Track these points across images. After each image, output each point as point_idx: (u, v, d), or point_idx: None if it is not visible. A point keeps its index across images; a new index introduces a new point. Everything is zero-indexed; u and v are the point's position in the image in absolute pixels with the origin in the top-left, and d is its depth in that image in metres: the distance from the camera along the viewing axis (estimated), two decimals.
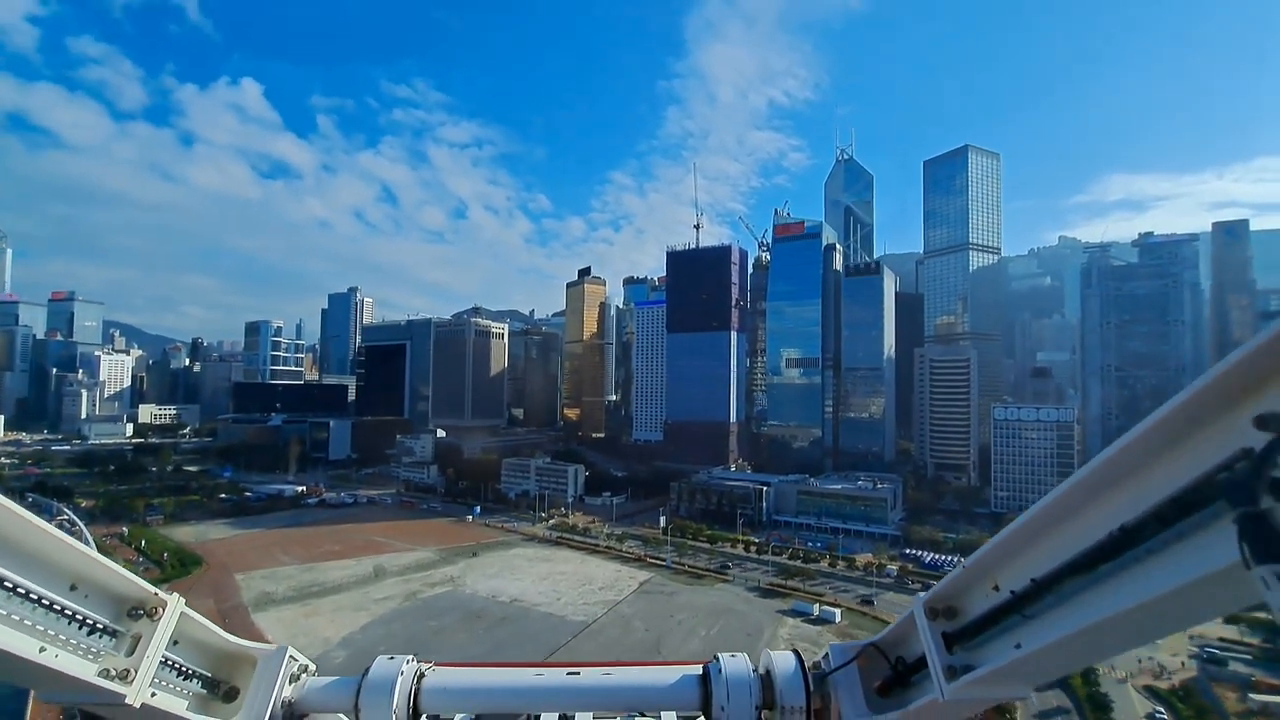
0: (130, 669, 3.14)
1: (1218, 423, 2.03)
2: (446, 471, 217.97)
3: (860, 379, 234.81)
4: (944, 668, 3.36)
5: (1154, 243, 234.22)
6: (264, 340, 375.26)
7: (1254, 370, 1.88)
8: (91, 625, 3.05)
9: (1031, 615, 2.92)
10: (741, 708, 3.79)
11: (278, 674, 3.98)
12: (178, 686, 3.64)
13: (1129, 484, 2.39)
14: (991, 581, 3.27)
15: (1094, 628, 2.53)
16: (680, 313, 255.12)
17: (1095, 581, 2.53)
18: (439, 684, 4.07)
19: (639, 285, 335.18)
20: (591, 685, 4.21)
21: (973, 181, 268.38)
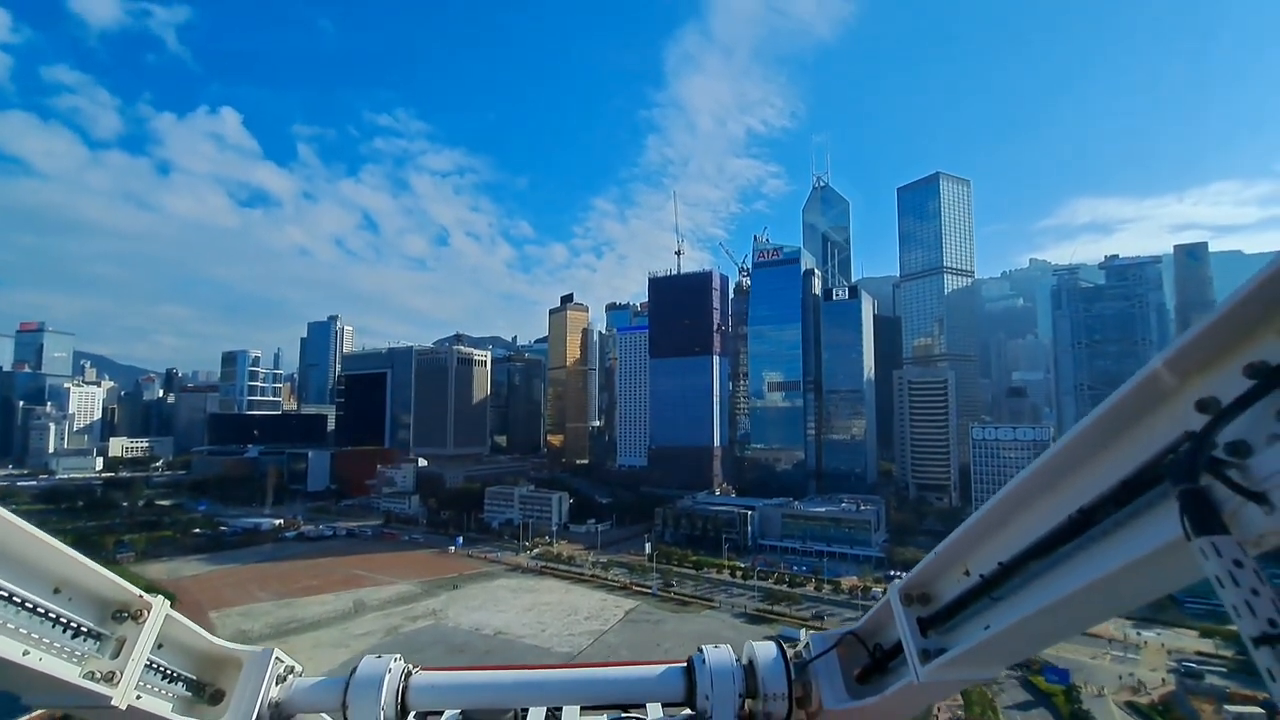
0: (115, 671, 3.11)
1: (1164, 408, 2.16)
2: (428, 501, 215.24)
3: (841, 401, 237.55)
4: (919, 651, 3.45)
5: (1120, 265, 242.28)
6: (241, 370, 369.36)
7: (1194, 357, 2.01)
8: (76, 628, 3.03)
9: (999, 597, 3.05)
10: (725, 696, 3.87)
11: (264, 675, 3.95)
12: (163, 689, 3.62)
13: (1086, 469, 2.51)
14: (962, 567, 3.39)
15: (1054, 606, 2.65)
16: (663, 338, 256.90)
17: (1057, 562, 2.67)
18: (426, 682, 4.08)
19: (621, 311, 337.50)
20: (578, 679, 4.27)
21: (945, 207, 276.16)
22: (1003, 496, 2.94)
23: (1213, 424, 1.93)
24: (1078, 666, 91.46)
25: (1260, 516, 1.84)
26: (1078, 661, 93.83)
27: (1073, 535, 2.52)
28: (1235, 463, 1.90)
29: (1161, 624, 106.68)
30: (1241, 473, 1.88)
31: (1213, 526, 1.83)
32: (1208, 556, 1.79)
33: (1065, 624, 2.93)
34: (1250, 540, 1.86)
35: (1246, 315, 1.88)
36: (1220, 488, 1.90)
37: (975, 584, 3.19)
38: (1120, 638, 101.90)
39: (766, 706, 3.95)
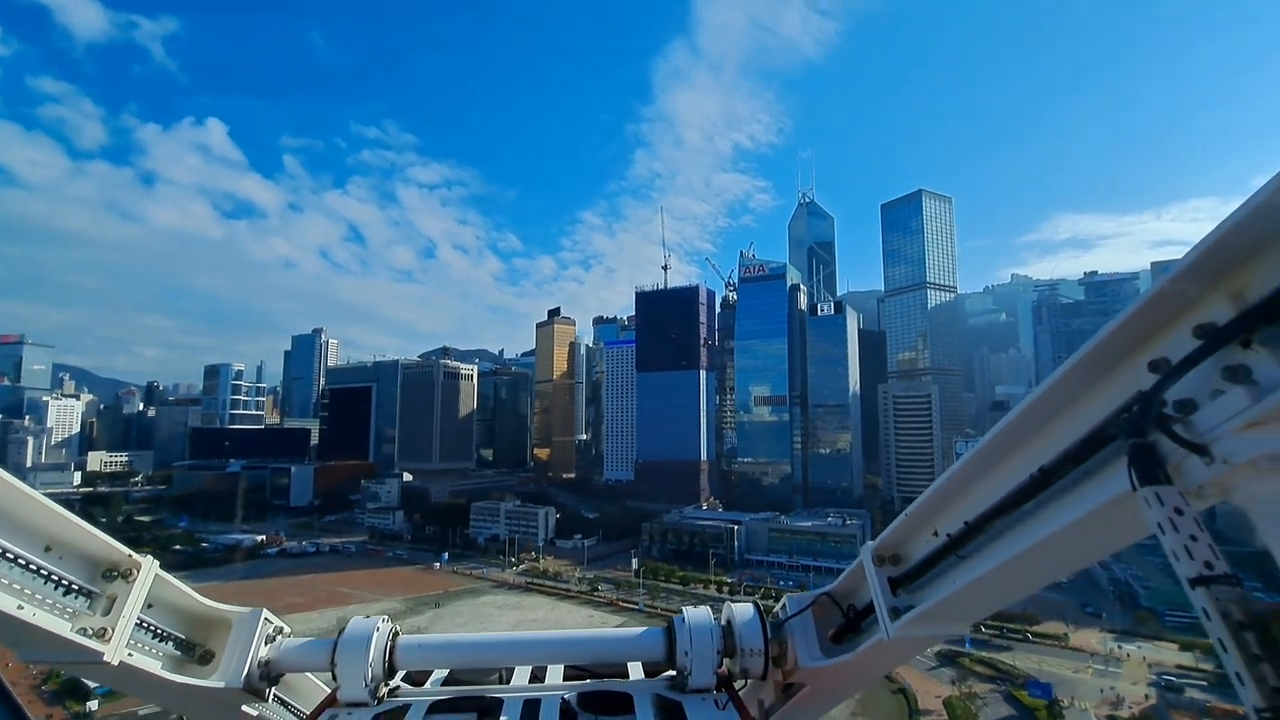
0: (107, 628, 3.15)
1: (1119, 369, 2.28)
2: (413, 517, 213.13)
3: (827, 415, 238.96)
4: (889, 609, 3.58)
5: (1099, 280, 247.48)
6: (223, 383, 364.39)
7: (1149, 320, 2.12)
8: (67, 586, 3.08)
9: (965, 555, 3.17)
10: (704, 653, 3.95)
11: (254, 635, 4.01)
12: (153, 648, 3.67)
13: (1047, 429, 2.61)
14: (931, 527, 3.50)
15: (1014, 561, 2.77)
16: (650, 352, 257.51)
17: (1019, 520, 2.78)
18: (413, 642, 4.15)
19: (609, 325, 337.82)
20: (561, 640, 4.40)
21: (927, 223, 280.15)
22: (969, 458, 3.05)
23: (1161, 382, 2.03)
24: (1060, 681, 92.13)
25: (1201, 467, 1.93)
26: (1060, 676, 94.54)
27: (1034, 493, 2.62)
28: (1180, 418, 1.98)
29: (1143, 637, 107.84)
30: (1186, 427, 1.96)
31: (1157, 477, 1.93)
32: (1150, 505, 1.89)
33: (1025, 578, 3.05)
34: (1191, 490, 1.96)
35: (1196, 279, 1.95)
36: (1166, 442, 1.99)
37: (943, 543, 3.30)
38: (1102, 651, 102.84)
39: (744, 664, 4.06)
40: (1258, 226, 1.78)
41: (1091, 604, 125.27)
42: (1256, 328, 1.83)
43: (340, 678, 3.85)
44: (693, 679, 3.96)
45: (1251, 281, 1.88)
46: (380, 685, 3.95)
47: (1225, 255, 1.88)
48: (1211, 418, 1.92)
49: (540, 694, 4.02)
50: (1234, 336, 1.88)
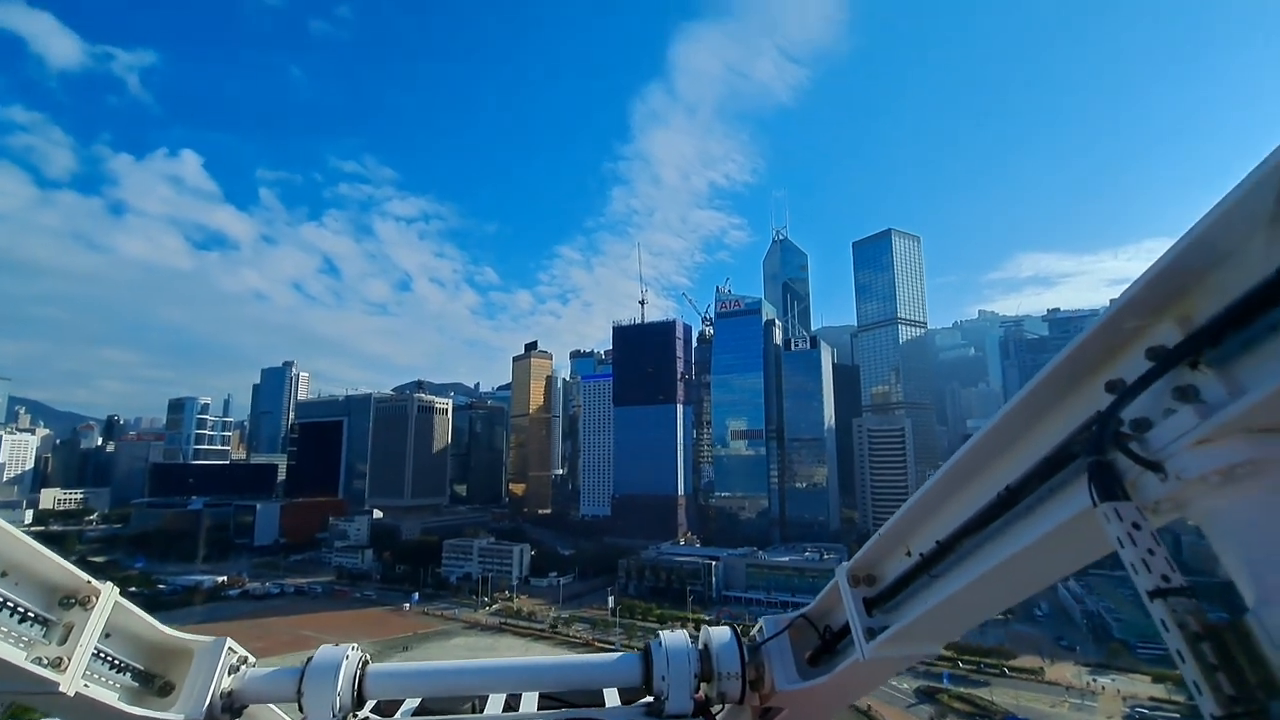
0: (63, 657, 3.03)
1: (1079, 390, 2.38)
2: (383, 555, 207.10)
3: (803, 449, 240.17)
4: (864, 629, 3.58)
5: (1061, 317, 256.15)
6: (188, 418, 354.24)
7: (1105, 342, 2.23)
8: (23, 613, 2.96)
9: (937, 574, 3.22)
10: (681, 677, 3.92)
11: (216, 665, 3.86)
12: (110, 679, 3.52)
13: (1012, 449, 2.71)
14: (904, 547, 3.55)
15: (983, 579, 2.84)
16: (627, 386, 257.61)
17: (987, 538, 2.85)
18: (383, 670, 4.03)
19: (586, 359, 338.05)
20: (535, 667, 4.32)
21: (897, 261, 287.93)
22: (939, 478, 3.13)
23: (1117, 402, 2.12)
24: (1038, 715, 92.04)
25: (1156, 483, 2.01)
26: (1037, 710, 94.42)
27: (1001, 512, 2.70)
28: (1136, 436, 2.07)
29: (1117, 670, 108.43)
30: (1141, 445, 2.05)
31: (1115, 493, 2.01)
32: (1110, 520, 1.97)
33: (995, 596, 3.13)
34: (1148, 505, 2.04)
35: (1147, 304, 2.05)
36: (1123, 459, 2.07)
37: (916, 563, 3.34)
38: (1078, 685, 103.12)
39: (721, 687, 4.01)
40: (1199, 255, 1.87)
41: (1066, 637, 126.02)
42: (1203, 350, 1.92)
43: (307, 708, 3.72)
44: (670, 704, 3.90)
45: (1197, 307, 1.98)
46: (349, 716, 3.81)
47: (1172, 281, 1.96)
48: (1164, 435, 2.00)
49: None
50: (1183, 358, 1.96)
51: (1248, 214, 1.77)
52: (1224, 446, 1.87)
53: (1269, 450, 1.85)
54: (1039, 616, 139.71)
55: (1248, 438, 1.86)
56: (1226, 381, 1.90)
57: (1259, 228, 1.79)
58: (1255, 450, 1.85)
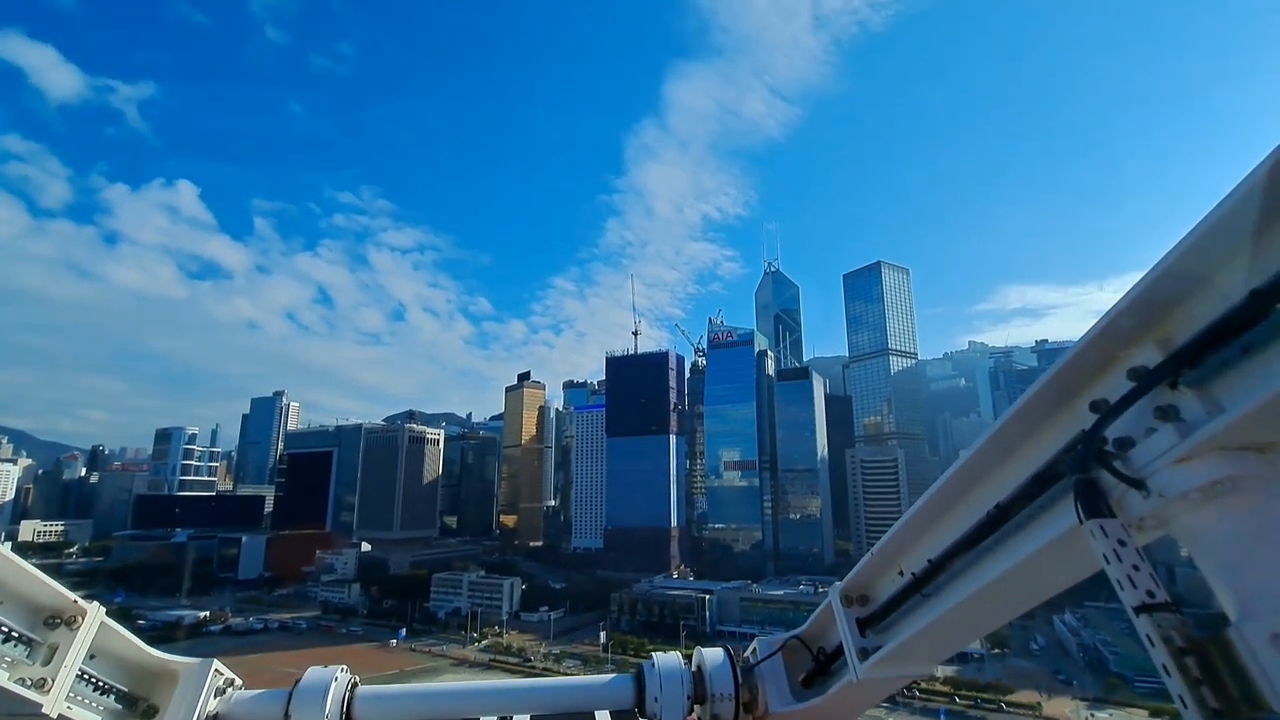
0: (47, 679, 2.98)
1: (1064, 410, 2.44)
2: (370, 590, 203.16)
3: (797, 480, 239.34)
4: (857, 650, 3.59)
5: (1049, 348, 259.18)
6: (175, 448, 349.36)
7: (1088, 364, 2.30)
8: (6, 633, 2.94)
9: (929, 594, 3.23)
10: (674, 699, 3.89)
11: (202, 687, 3.81)
12: (94, 701, 3.46)
13: (1001, 469, 2.75)
14: (897, 566, 3.56)
15: (974, 597, 2.87)
16: (620, 417, 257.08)
17: (978, 557, 2.88)
18: (374, 693, 4.00)
19: (579, 389, 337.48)
20: (527, 689, 4.31)
21: (887, 293, 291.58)
22: (930, 497, 3.17)
23: (1100, 421, 2.18)
24: None
25: (1139, 501, 2.06)
26: None
27: (991, 530, 2.73)
28: (1119, 454, 2.12)
29: (1114, 704, 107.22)
30: (1124, 463, 2.10)
31: (1100, 511, 2.05)
32: (1096, 537, 2.01)
33: (986, 614, 3.17)
34: (1133, 523, 2.08)
35: (1128, 326, 2.13)
36: (1107, 477, 2.11)
37: (908, 582, 3.35)
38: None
39: (714, 709, 3.97)
40: (1177, 280, 1.94)
41: (1063, 671, 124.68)
42: (1182, 371, 1.97)
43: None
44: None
45: (1177, 329, 2.04)
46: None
47: (1151, 305, 2.03)
48: (1146, 454, 2.04)
49: None
50: (1163, 379, 2.02)
51: (1222, 240, 1.82)
52: (1203, 464, 1.91)
53: (1246, 467, 1.89)
54: (1035, 650, 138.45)
55: (1226, 455, 1.90)
56: (1205, 401, 1.94)
57: (1233, 253, 1.83)
58: (1233, 467, 1.88)
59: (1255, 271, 1.77)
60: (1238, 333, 1.82)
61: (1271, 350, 1.77)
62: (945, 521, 3.15)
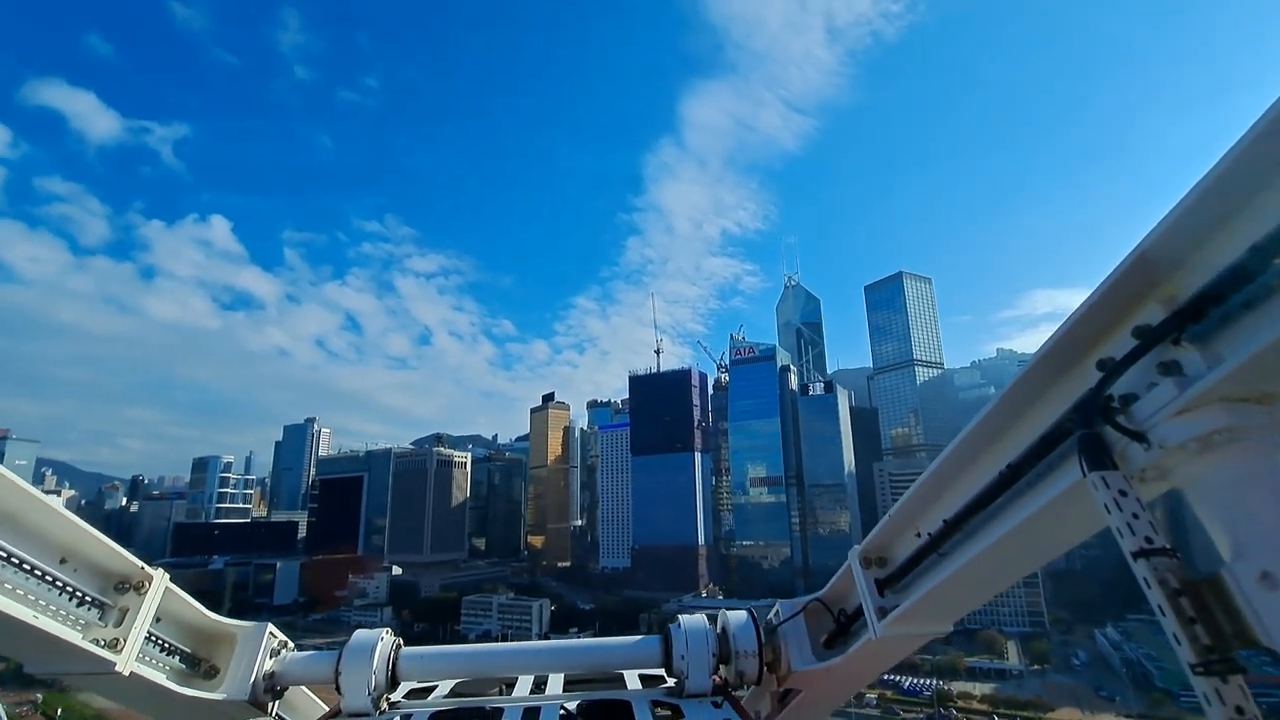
0: (119, 639, 3.18)
1: (1073, 370, 2.52)
2: (402, 613, 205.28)
3: (824, 494, 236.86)
4: (876, 609, 3.75)
5: None
6: (211, 476, 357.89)
7: (1095, 324, 2.36)
8: (81, 597, 3.10)
9: (945, 553, 3.34)
10: (700, 655, 4.09)
11: (259, 648, 4.13)
12: (160, 661, 3.73)
13: (1013, 429, 2.84)
14: (914, 528, 3.68)
15: (986, 553, 2.96)
16: (644, 435, 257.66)
17: (991, 515, 2.96)
18: (417, 653, 4.27)
19: (603, 409, 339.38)
20: (561, 650, 4.61)
21: (910, 303, 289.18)
22: (944, 460, 3.28)
23: (1105, 378, 2.26)
24: None
25: (1141, 453, 2.14)
26: None
27: (1003, 489, 2.82)
28: (1123, 409, 2.21)
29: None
30: (1127, 417, 2.19)
31: (1103, 463, 2.14)
32: (1097, 489, 2.10)
33: (998, 571, 3.27)
34: (1135, 474, 2.17)
35: (1132, 286, 2.20)
36: (1111, 431, 2.21)
37: (925, 543, 3.45)
38: None
39: (739, 666, 4.19)
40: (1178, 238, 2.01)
41: (1106, 687, 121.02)
42: (1185, 327, 2.04)
43: (344, 687, 3.93)
44: (689, 683, 4.06)
45: (1180, 287, 2.10)
46: (383, 696, 4.01)
47: (1154, 264, 2.11)
48: (1148, 408, 2.13)
49: (540, 703, 4.03)
50: (1166, 335, 2.08)
51: (1221, 198, 1.86)
52: (1202, 416, 1.98)
53: (1243, 418, 1.95)
54: (1077, 666, 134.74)
55: (1224, 406, 1.96)
56: (1206, 355, 2.00)
57: (1232, 211, 1.88)
58: (1231, 418, 1.95)
59: (1254, 227, 1.81)
60: (1238, 288, 1.87)
61: (1270, 303, 1.83)
62: (960, 482, 3.23)
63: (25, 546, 2.85)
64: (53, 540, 3.03)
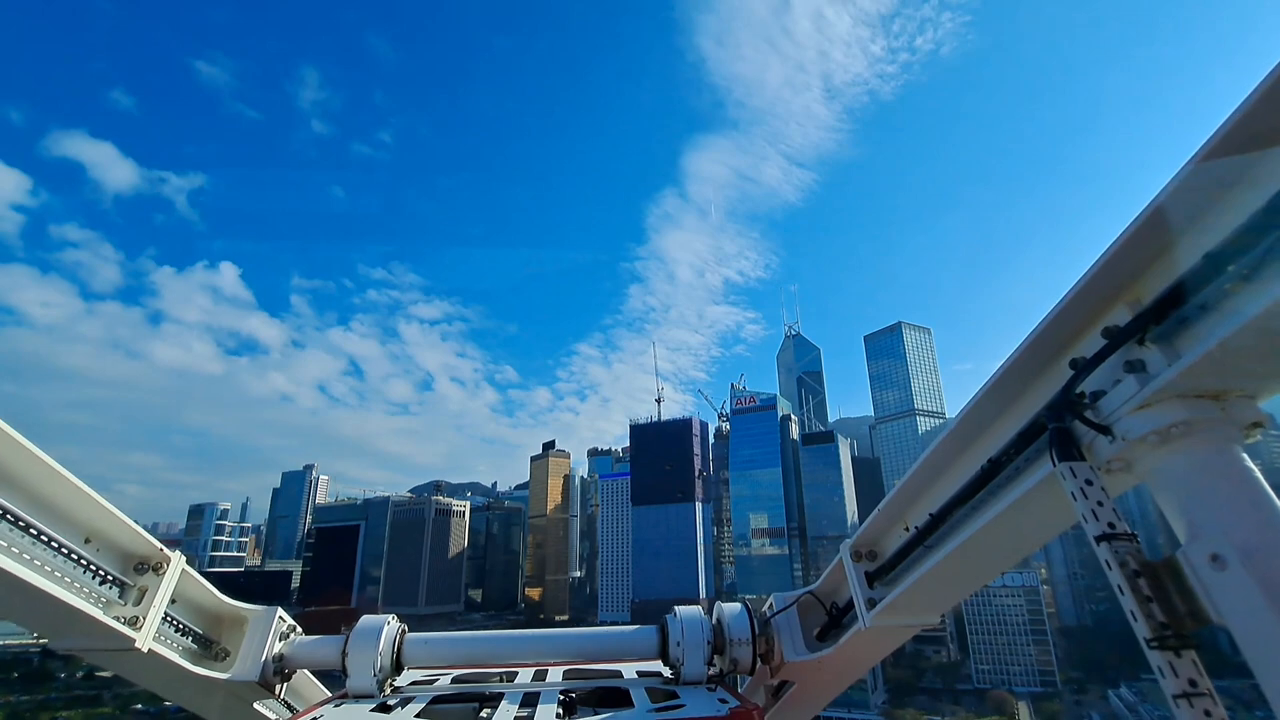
0: (139, 616, 3.32)
1: (1049, 369, 2.70)
2: None
3: (828, 546, 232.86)
4: (865, 600, 3.91)
5: None
6: (207, 524, 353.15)
7: (1068, 325, 2.54)
8: (103, 575, 3.22)
9: (931, 546, 3.49)
10: (695, 644, 4.20)
11: (269, 631, 4.27)
12: (175, 641, 3.85)
13: (994, 426, 3.03)
14: (903, 522, 3.84)
15: (968, 544, 3.12)
16: (645, 485, 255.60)
17: (974, 508, 3.13)
18: (422, 638, 4.40)
19: (604, 457, 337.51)
20: (562, 637, 4.75)
21: (909, 353, 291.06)
22: (929, 456, 3.46)
23: (1075, 376, 2.43)
24: None
25: (1106, 445, 2.32)
26: None
27: (985, 483, 2.99)
28: (1091, 405, 2.39)
29: None
30: (1094, 412, 2.37)
31: (1072, 455, 2.33)
32: (1066, 478, 2.28)
33: (980, 561, 3.41)
34: (1101, 465, 2.35)
35: (1101, 290, 2.35)
36: (1079, 425, 2.39)
37: (912, 536, 3.62)
38: None
39: (733, 654, 4.30)
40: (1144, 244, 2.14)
41: None
42: (1149, 328, 2.18)
43: (350, 669, 4.05)
44: (685, 671, 4.16)
45: (1146, 290, 2.24)
46: (388, 680, 4.13)
47: (1121, 269, 2.24)
48: (1113, 402, 2.29)
49: (540, 689, 4.14)
50: (1132, 336, 2.23)
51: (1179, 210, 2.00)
52: (1161, 410, 2.13)
53: (1197, 412, 2.10)
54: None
55: (1181, 402, 2.11)
56: (1167, 354, 2.14)
57: (1189, 222, 2.01)
58: (1187, 412, 2.09)
59: (1208, 238, 1.94)
60: (1195, 291, 2.00)
61: (1221, 307, 1.95)
62: (945, 478, 3.41)
63: (54, 525, 2.98)
64: (79, 520, 3.17)
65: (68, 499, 3.07)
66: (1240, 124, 1.74)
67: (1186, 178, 1.92)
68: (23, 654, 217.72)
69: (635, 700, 3.79)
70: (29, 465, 2.88)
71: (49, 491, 2.97)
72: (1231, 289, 1.92)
